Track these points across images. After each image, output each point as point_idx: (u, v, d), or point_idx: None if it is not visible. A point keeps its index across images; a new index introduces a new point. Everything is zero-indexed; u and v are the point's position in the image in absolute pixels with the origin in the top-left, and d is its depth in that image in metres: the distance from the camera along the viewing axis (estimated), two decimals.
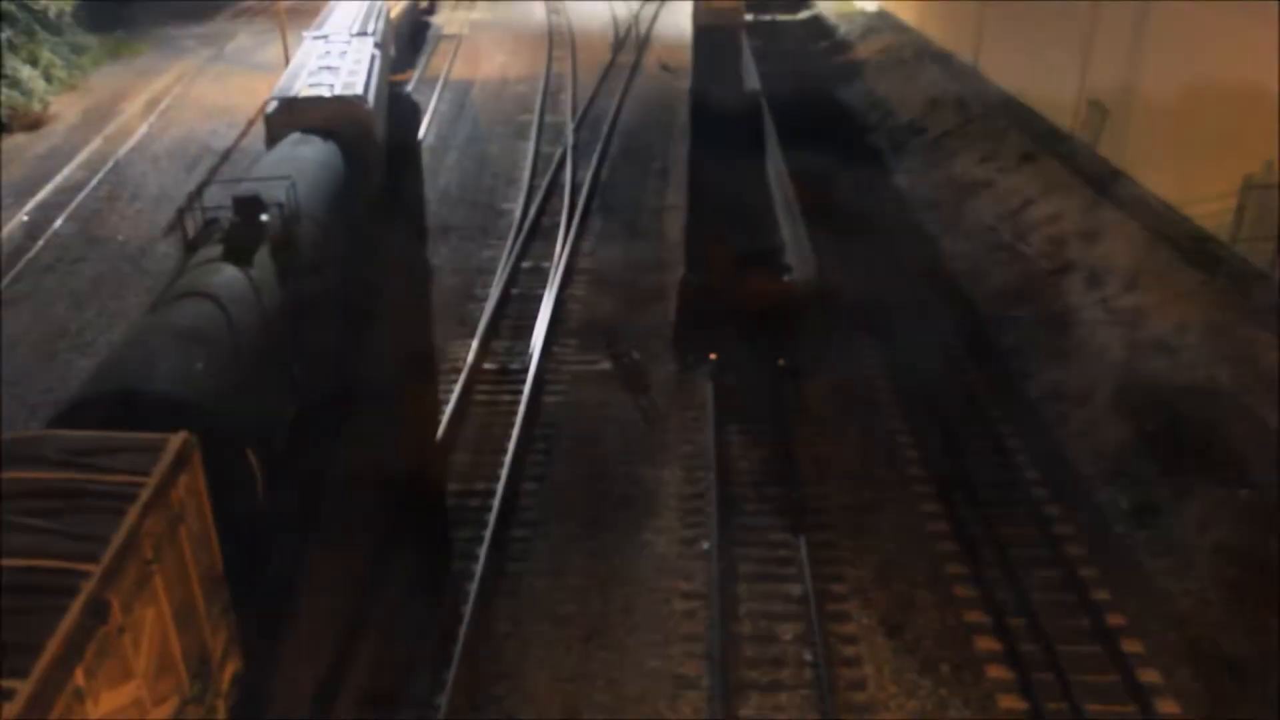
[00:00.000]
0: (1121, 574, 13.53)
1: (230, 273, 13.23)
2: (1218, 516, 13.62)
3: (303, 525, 13.77)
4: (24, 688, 6.22)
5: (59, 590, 7.09)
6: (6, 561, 7.26)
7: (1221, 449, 14.53)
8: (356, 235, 18.69)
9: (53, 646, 6.64)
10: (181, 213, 15.79)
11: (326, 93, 21.53)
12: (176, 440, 9.16)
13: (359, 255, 18.82)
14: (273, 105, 21.16)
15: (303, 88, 22.08)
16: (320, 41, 26.81)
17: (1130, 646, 12.27)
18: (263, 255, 13.96)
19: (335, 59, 24.58)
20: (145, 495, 8.32)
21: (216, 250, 13.80)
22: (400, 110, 33.52)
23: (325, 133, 20.03)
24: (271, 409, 12.68)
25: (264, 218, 14.28)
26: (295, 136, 19.63)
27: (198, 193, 16.00)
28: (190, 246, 14.65)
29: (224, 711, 9.86)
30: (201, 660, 9.38)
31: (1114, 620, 12.67)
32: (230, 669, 10.23)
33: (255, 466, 11.32)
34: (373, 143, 21.70)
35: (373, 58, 24.92)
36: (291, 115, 20.62)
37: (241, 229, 14.06)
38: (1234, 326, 16.53)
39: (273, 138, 20.54)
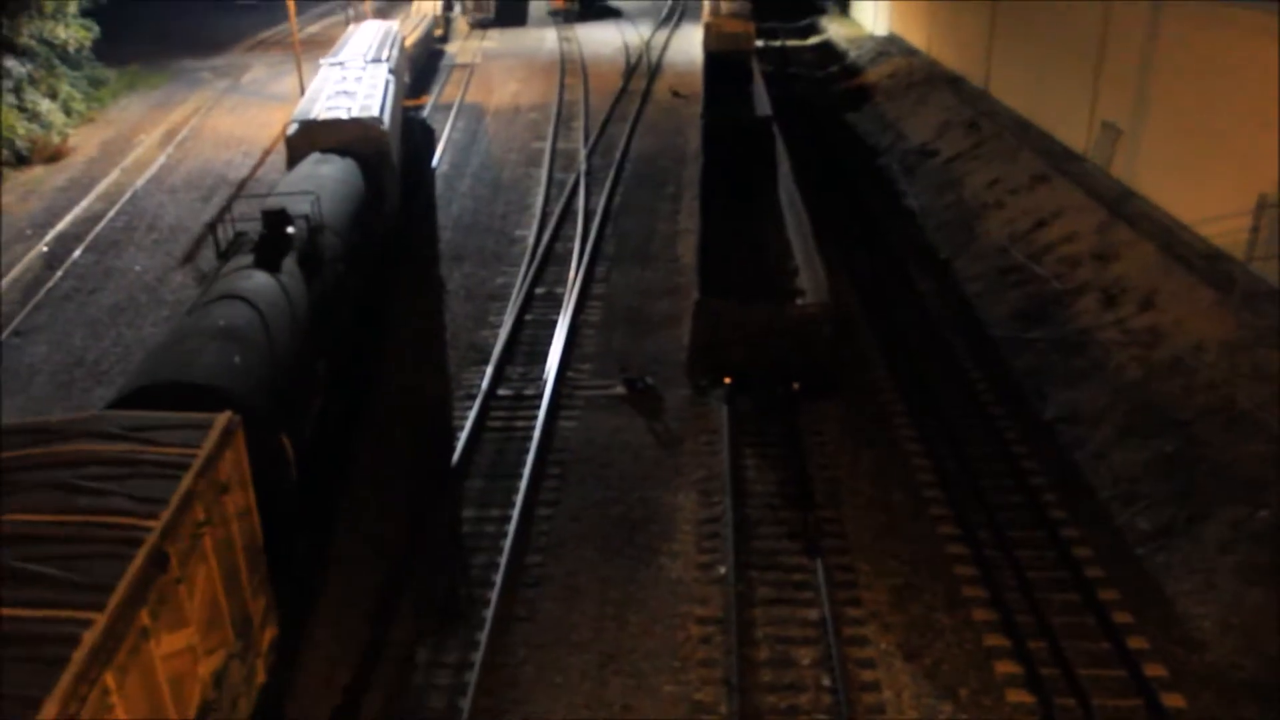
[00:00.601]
0: (1142, 597, 13.41)
1: (261, 278, 14.06)
2: (1238, 538, 13.49)
3: (330, 505, 14.96)
4: (100, 619, 7.15)
5: (125, 541, 7.99)
6: (77, 517, 8.13)
7: (1240, 470, 14.41)
8: (374, 247, 19.62)
9: (122, 587, 7.51)
10: (213, 226, 16.89)
11: (344, 115, 22.43)
12: (222, 419, 10.01)
13: (377, 265, 19.75)
14: (293, 127, 22.00)
15: (321, 111, 22.98)
16: (337, 68, 27.75)
17: (1152, 670, 12.13)
18: (290, 263, 14.83)
19: (351, 84, 25.62)
20: (197, 464, 9.16)
21: (247, 259, 14.65)
22: (415, 133, 34.04)
23: (343, 152, 20.94)
24: (300, 399, 13.43)
25: (290, 230, 15.18)
26: (316, 156, 20.50)
27: (227, 207, 16.93)
28: (223, 256, 15.50)
29: (263, 673, 10.75)
30: (245, 622, 10.27)
31: (1135, 643, 12.54)
32: (269, 634, 11.09)
33: (288, 449, 12.13)
34: (388, 162, 22.56)
35: (387, 82, 25.85)
36: (311, 137, 21.53)
37: (270, 239, 14.95)
38: (1251, 346, 16.43)
39: (293, 158, 21.41)
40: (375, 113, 22.89)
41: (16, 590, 7.20)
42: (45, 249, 25.50)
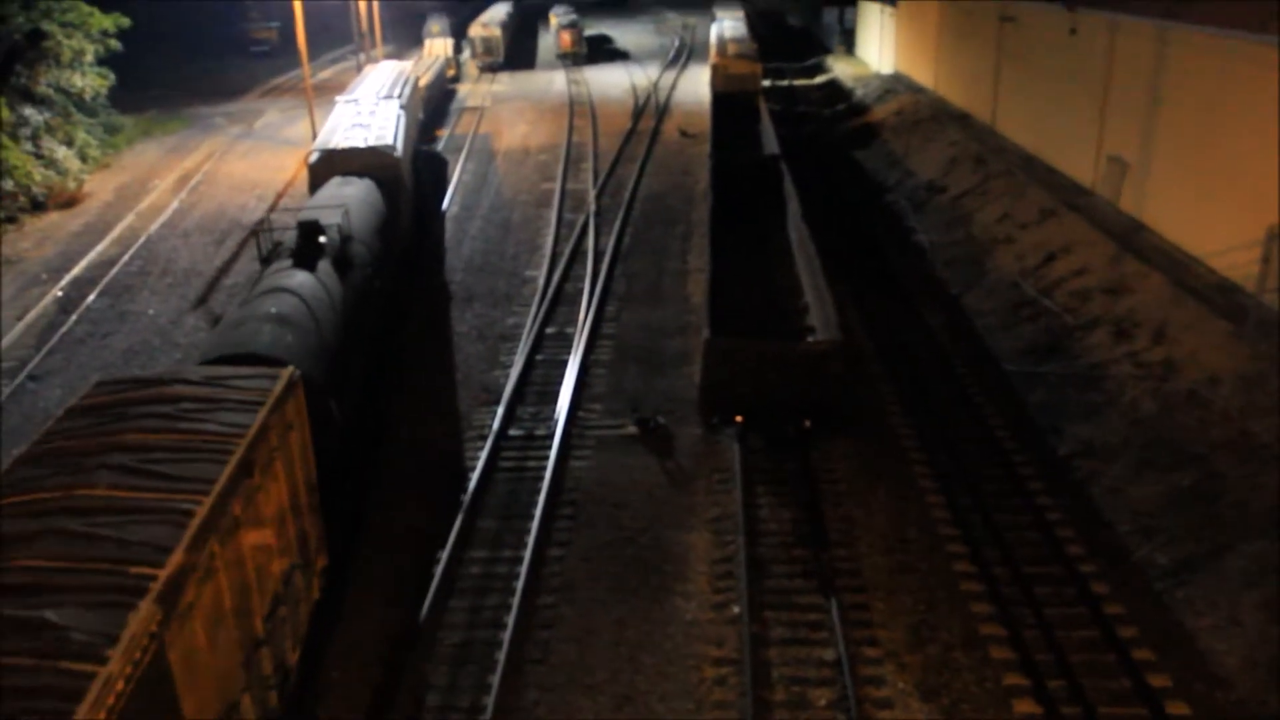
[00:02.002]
0: (1163, 633, 13.22)
1: (302, 275, 16.11)
2: (1261, 572, 13.32)
3: (367, 465, 17.21)
4: (207, 501, 9.20)
5: (220, 452, 10.01)
6: (181, 436, 10.17)
7: (1261, 503, 14.27)
8: (394, 256, 21.97)
9: (220, 480, 9.53)
10: (256, 234, 19.38)
11: (361, 144, 24.58)
12: (287, 372, 12.10)
13: (397, 271, 22.24)
14: (315, 155, 24.11)
15: (340, 141, 25.11)
16: (352, 104, 30.04)
17: (1175, 709, 11.94)
18: (325, 265, 16.85)
19: (366, 117, 27.65)
20: (269, 402, 11.18)
21: (287, 262, 16.60)
22: (431, 163, 35.96)
23: (361, 175, 22.91)
24: (341, 375, 15.42)
25: (322, 239, 17.19)
26: (338, 179, 22.52)
27: (266, 219, 21.07)
28: (265, 261, 17.69)
29: (317, 590, 12.80)
30: (303, 542, 12.22)
31: (1157, 681, 12.35)
32: (321, 560, 13.07)
33: (335, 411, 14.16)
34: (402, 185, 24.68)
35: (398, 116, 27.78)
36: (331, 164, 23.61)
37: (306, 245, 16.97)
38: (1266, 377, 16.34)
39: (315, 183, 23.35)
40: (389, 141, 24.84)
41: (139, 481, 9.28)
42: (60, 293, 25.71)
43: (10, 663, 6.90)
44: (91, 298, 25.34)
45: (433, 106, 44.78)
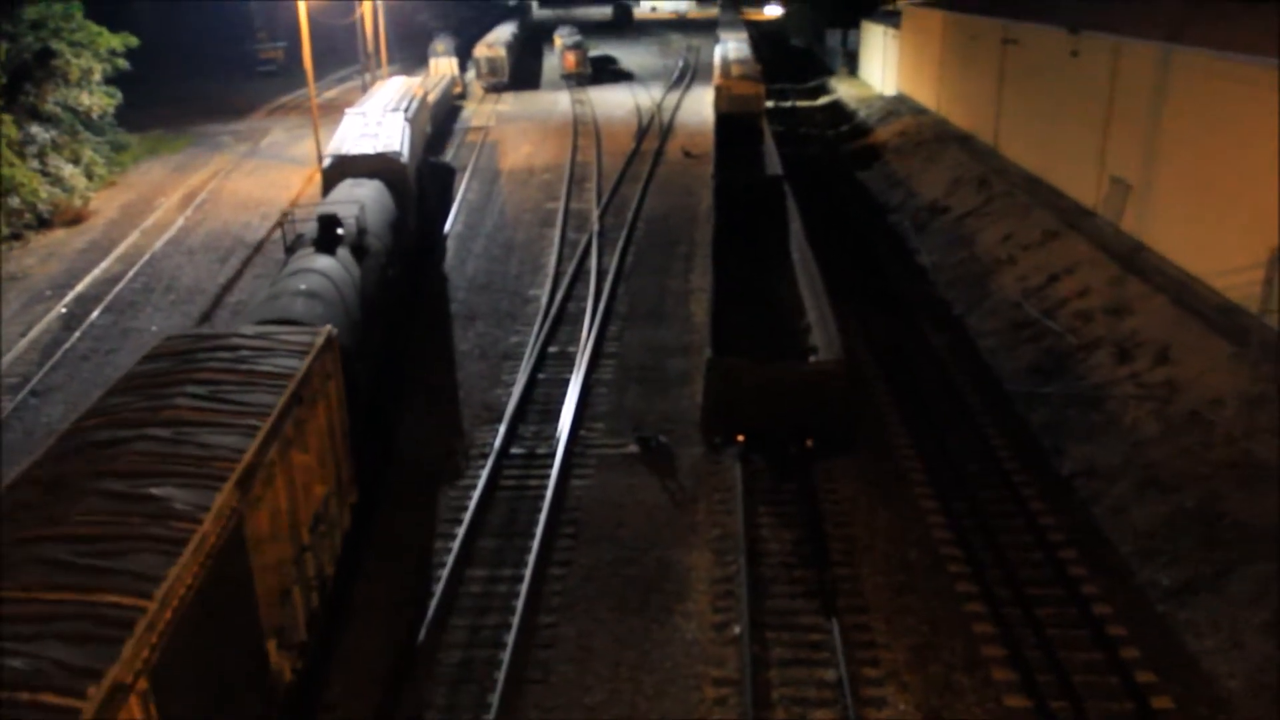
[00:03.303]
0: (1166, 655, 13.15)
1: (325, 260, 17.74)
2: (1264, 594, 13.27)
3: (388, 424, 19.26)
4: (268, 421, 11.04)
5: (275, 385, 11.92)
6: (242, 375, 11.99)
7: (1263, 524, 14.22)
8: (403, 250, 24.01)
9: (278, 406, 11.43)
10: (281, 225, 21.82)
11: (370, 150, 26.55)
12: (326, 329, 13.94)
13: (405, 263, 24.40)
14: (328, 161, 26.29)
15: (350, 148, 27.01)
16: (360, 116, 31.54)
17: None
18: (343, 252, 18.50)
19: (374, 128, 29.52)
20: (314, 351, 13.07)
21: (309, 250, 18.24)
22: (438, 172, 37.97)
23: (370, 178, 24.69)
24: (365, 344, 17.15)
25: (340, 230, 18.81)
26: (350, 181, 24.23)
27: (289, 214, 23.69)
28: (289, 250, 19.42)
29: (348, 520, 14.58)
30: (338, 476, 14.07)
31: (1159, 703, 12.28)
32: (351, 497, 14.87)
33: (361, 374, 16.02)
34: (408, 188, 26.58)
35: (404, 127, 29.54)
36: (343, 169, 25.55)
37: (326, 235, 18.59)
38: (1269, 399, 16.31)
39: (328, 186, 25.22)
40: (396, 148, 26.84)
41: (213, 405, 11.13)
42: (64, 310, 25.80)
43: (128, 522, 8.86)
44: (95, 314, 25.41)
45: (439, 123, 45.24)
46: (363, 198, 22.01)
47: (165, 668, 7.86)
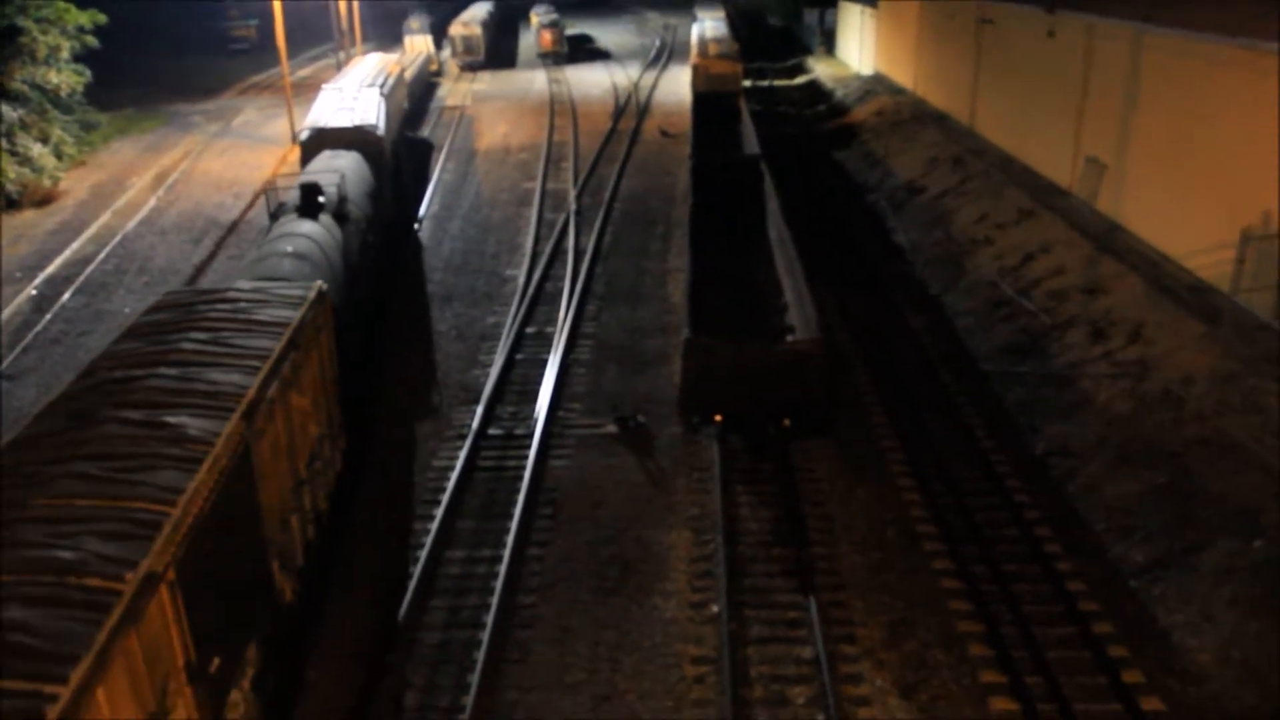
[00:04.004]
0: (1138, 629, 13.33)
1: (309, 224, 18.43)
2: (1234, 569, 13.46)
3: (375, 375, 20.35)
4: (268, 361, 12.00)
5: (275, 331, 12.85)
6: (242, 324, 12.81)
7: (1234, 500, 14.41)
8: (381, 218, 24.76)
9: (277, 349, 12.36)
10: (266, 194, 22.82)
11: (347, 123, 27.35)
12: (318, 284, 14.82)
13: (384, 230, 25.29)
14: (306, 133, 27.06)
15: (328, 121, 27.81)
16: (337, 91, 32.44)
17: (1149, 704, 12.04)
18: (326, 218, 19.17)
19: (350, 102, 30.34)
20: (306, 304, 13.93)
21: (293, 216, 18.87)
22: (416, 148, 38.33)
23: (348, 149, 25.52)
24: (349, 303, 17.90)
25: (321, 198, 19.40)
26: (328, 153, 24.90)
27: (272, 183, 24.80)
28: (273, 216, 20.18)
29: (339, 463, 15.58)
30: (330, 420, 15.09)
31: (1131, 677, 12.45)
32: (341, 441, 15.86)
33: (347, 329, 16.63)
34: (384, 160, 27.34)
35: (379, 101, 30.58)
36: (320, 141, 26.29)
37: (309, 202, 19.19)
38: (1240, 376, 16.50)
39: (306, 158, 25.99)
40: (372, 121, 27.71)
41: (216, 348, 12.03)
42: (34, 292, 25.48)
43: (149, 444, 9.81)
44: (67, 296, 25.12)
45: (416, 99, 45.14)
46: (342, 167, 22.68)
47: (188, 565, 8.96)
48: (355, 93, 31.60)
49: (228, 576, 10.25)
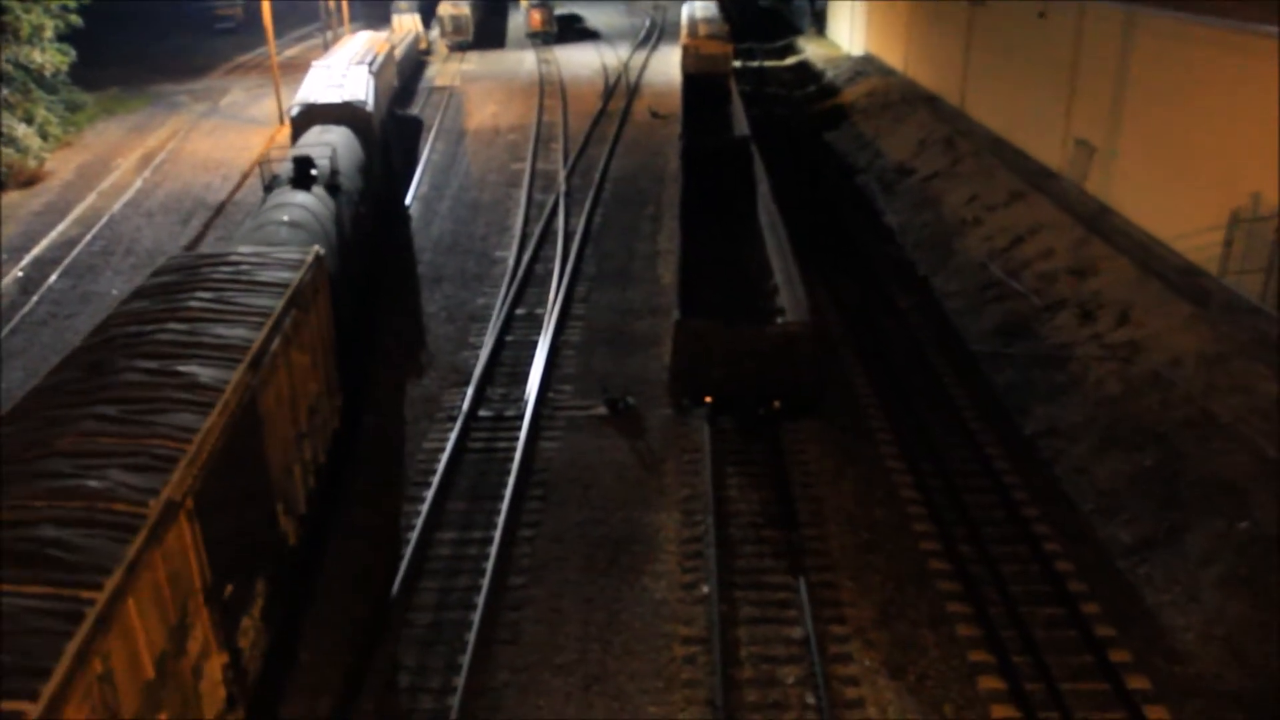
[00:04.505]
0: (1124, 609, 13.44)
1: (302, 195, 18.96)
2: (1219, 549, 13.56)
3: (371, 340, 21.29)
4: (271, 316, 12.67)
5: (277, 290, 13.48)
6: (244, 284, 13.41)
7: (1220, 481, 14.51)
8: (370, 191, 25.14)
9: (278, 308, 12.99)
10: (261, 165, 22.74)
11: (336, 99, 27.57)
12: (314, 249, 15.30)
13: (373, 203, 25.49)
14: (296, 110, 27.20)
15: (318, 97, 28.06)
16: (326, 69, 32.64)
17: (1136, 682, 12.15)
18: (318, 190, 19.70)
19: (339, 79, 30.62)
20: (305, 266, 14.44)
21: (287, 187, 19.38)
22: (407, 123, 38.79)
23: (337, 124, 25.88)
24: (343, 270, 18.40)
25: (314, 171, 19.87)
26: (319, 128, 25.27)
27: (265, 156, 25.88)
28: (267, 188, 20.27)
29: (336, 421, 16.18)
30: (328, 378, 15.69)
31: (1118, 657, 12.56)
32: (338, 398, 16.48)
33: (340, 295, 17.05)
34: (373, 136, 27.75)
35: (369, 79, 30.83)
36: (310, 116, 26.56)
37: (301, 174, 19.68)
38: (1228, 358, 16.58)
39: (296, 133, 26.27)
40: (361, 97, 27.99)
41: (221, 306, 12.66)
42: (20, 274, 25.30)
43: (164, 390, 10.51)
44: (53, 278, 24.96)
45: (405, 78, 45.09)
46: (333, 141, 23.16)
47: (204, 497, 9.74)
48: (344, 70, 31.89)
49: (238, 513, 10.96)
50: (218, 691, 9.95)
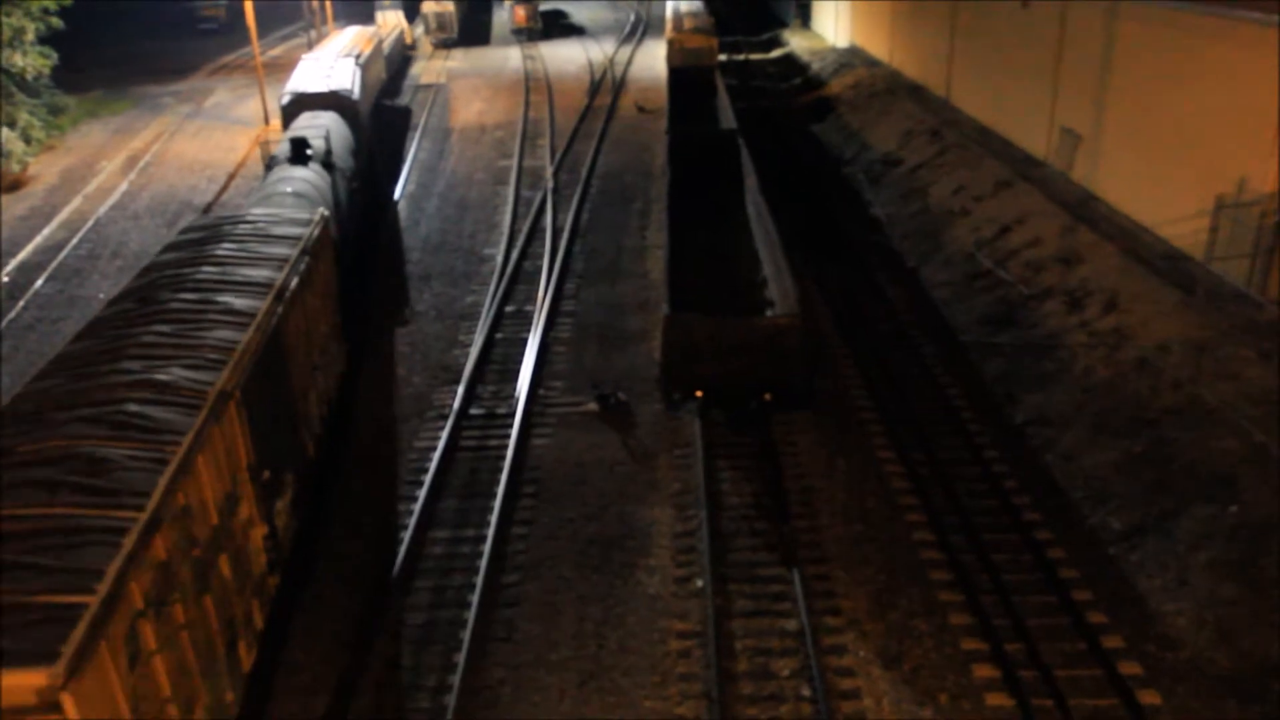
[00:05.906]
0: (1116, 596, 13.51)
1: (301, 170, 20.55)
2: (1209, 535, 13.64)
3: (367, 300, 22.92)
4: (284, 271, 14.29)
5: (290, 239, 15.45)
6: (260, 236, 15.36)
7: (1209, 467, 14.59)
8: (360, 172, 26.30)
9: (295, 253, 14.96)
10: (260, 145, 25.05)
11: (324, 88, 29.19)
12: (320, 211, 17.23)
13: (364, 182, 26.85)
14: (286, 98, 28.87)
15: (307, 86, 29.52)
16: (315, 61, 34.26)
17: (1128, 669, 12.23)
18: (315, 165, 21.26)
19: (327, 69, 32.18)
20: (313, 225, 16.26)
21: (286, 165, 20.89)
22: (394, 115, 39.88)
23: (326, 109, 27.55)
24: (342, 236, 20.40)
25: (309, 150, 21.33)
26: (309, 114, 26.61)
27: (265, 139, 26.78)
28: (268, 167, 21.78)
29: (343, 363, 18.15)
30: (335, 325, 17.59)
31: (1110, 643, 12.64)
32: (345, 347, 18.38)
33: (346, 255, 19.72)
34: (361, 123, 29.26)
35: (356, 70, 32.64)
36: (300, 104, 28.06)
37: (299, 153, 21.22)
38: (1215, 344, 16.66)
39: (287, 120, 27.82)
40: (348, 86, 29.78)
41: (245, 254, 14.48)
42: (6, 279, 25.17)
43: (209, 314, 12.51)
44: (40, 283, 24.84)
45: (392, 74, 45.44)
46: (325, 124, 24.75)
47: (248, 392, 11.70)
48: (333, 62, 33.47)
49: (272, 413, 12.78)
50: (260, 557, 11.92)
